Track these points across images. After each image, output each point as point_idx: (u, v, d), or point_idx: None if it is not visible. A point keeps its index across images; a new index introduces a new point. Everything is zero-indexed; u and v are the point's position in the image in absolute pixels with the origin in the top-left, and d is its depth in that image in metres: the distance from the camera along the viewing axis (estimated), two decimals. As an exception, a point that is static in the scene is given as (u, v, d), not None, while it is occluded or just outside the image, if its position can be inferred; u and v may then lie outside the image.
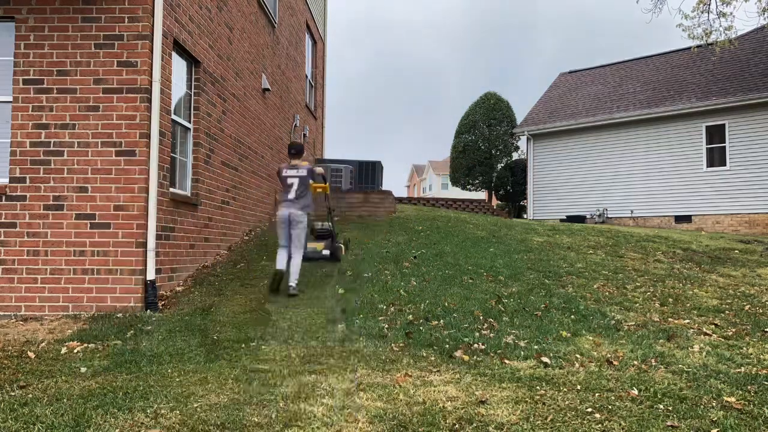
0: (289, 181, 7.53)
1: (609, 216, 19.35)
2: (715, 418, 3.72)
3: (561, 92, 23.48)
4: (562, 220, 18.80)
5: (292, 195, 7.46)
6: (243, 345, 5.27)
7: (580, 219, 19.05)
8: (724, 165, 17.40)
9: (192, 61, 8.40)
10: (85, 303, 6.59)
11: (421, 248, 9.72)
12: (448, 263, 8.73)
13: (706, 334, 5.99)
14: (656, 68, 21.50)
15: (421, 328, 5.80)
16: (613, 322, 6.23)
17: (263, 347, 5.21)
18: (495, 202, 26.19)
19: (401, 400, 3.92)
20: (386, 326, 5.84)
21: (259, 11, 11.78)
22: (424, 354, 5.03)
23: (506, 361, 4.87)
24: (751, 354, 5.31)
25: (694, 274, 8.95)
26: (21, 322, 6.22)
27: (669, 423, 3.63)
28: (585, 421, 3.64)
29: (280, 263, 7.33)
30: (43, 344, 5.37)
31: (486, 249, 9.91)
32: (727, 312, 6.90)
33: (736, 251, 11.21)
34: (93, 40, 6.81)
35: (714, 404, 3.98)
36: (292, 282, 7.15)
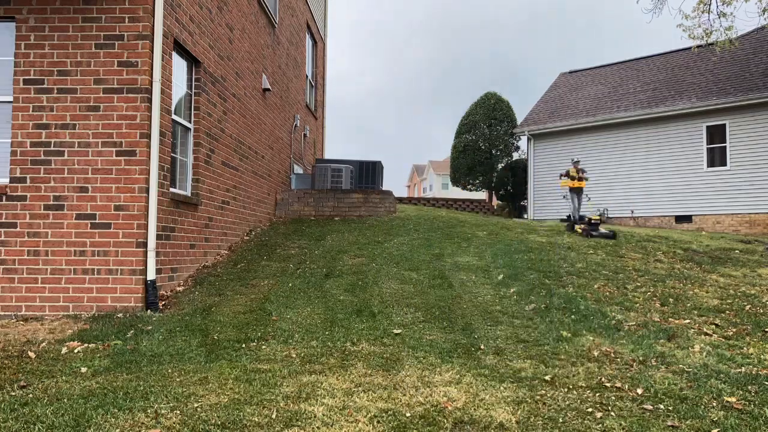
0: None
1: (609, 216, 19.33)
2: (716, 418, 3.72)
3: (561, 92, 23.46)
4: (562, 220, 18.78)
5: None
6: (243, 345, 5.27)
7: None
8: (725, 165, 17.39)
9: (192, 61, 8.40)
10: (85, 303, 6.59)
11: (420, 248, 9.72)
12: (448, 263, 8.73)
13: (706, 334, 5.98)
14: (656, 68, 21.49)
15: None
16: (614, 322, 6.23)
17: (264, 347, 5.22)
18: (495, 202, 26.16)
19: (401, 401, 3.92)
20: (386, 326, 5.85)
21: (260, 11, 11.78)
22: (424, 354, 5.03)
23: (506, 361, 4.87)
24: (752, 354, 5.31)
25: (694, 274, 8.94)
26: (21, 322, 6.23)
27: (669, 423, 3.64)
28: (585, 421, 3.65)
29: None
30: (44, 344, 5.37)
31: (486, 249, 9.91)
32: (727, 312, 6.89)
33: (737, 251, 11.21)
34: (93, 40, 6.81)
35: (714, 404, 3.98)
36: None
